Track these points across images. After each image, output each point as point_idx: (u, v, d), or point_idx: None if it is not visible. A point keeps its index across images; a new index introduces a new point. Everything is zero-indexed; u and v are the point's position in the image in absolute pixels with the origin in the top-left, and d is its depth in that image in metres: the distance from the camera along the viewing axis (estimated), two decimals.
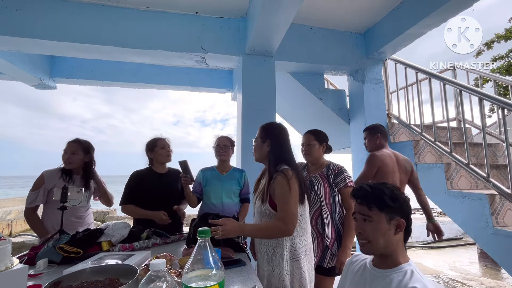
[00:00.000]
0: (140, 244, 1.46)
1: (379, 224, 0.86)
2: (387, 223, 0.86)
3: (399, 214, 0.87)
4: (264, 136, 1.37)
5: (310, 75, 3.36)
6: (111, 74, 3.53)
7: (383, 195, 0.87)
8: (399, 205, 0.87)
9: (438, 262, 4.02)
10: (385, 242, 0.86)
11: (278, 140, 1.35)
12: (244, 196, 1.98)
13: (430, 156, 2.74)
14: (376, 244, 0.87)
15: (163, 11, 2.63)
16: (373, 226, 0.87)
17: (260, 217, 1.31)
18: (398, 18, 2.67)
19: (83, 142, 1.90)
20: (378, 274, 0.89)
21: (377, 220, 0.87)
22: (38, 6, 2.36)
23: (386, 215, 0.86)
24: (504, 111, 2.05)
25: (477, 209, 2.03)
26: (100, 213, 9.10)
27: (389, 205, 0.87)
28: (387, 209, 0.87)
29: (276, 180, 1.23)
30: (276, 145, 1.33)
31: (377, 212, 0.87)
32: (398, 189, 0.92)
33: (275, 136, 1.36)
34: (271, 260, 1.25)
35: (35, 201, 1.73)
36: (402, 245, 0.89)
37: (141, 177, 1.91)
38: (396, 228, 0.86)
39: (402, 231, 0.87)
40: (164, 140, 1.98)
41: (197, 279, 0.70)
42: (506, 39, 8.88)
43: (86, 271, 0.92)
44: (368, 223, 0.88)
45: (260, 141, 1.37)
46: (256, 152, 1.40)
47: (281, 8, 2.04)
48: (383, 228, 0.86)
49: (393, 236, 0.86)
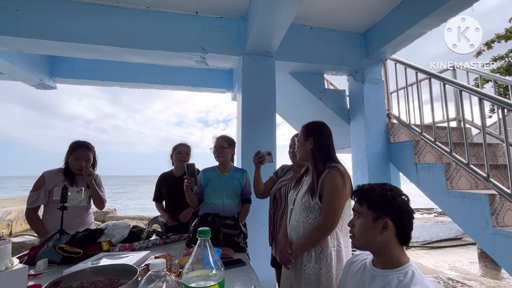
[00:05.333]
0: (140, 244, 1.46)
1: (365, 220, 0.91)
2: (373, 221, 0.89)
3: (388, 215, 0.88)
4: (307, 134, 1.39)
5: (310, 75, 3.36)
6: (111, 74, 3.53)
7: (374, 195, 0.92)
8: (389, 206, 0.88)
9: (438, 262, 4.02)
10: (369, 239, 0.90)
11: (322, 137, 1.36)
12: (246, 196, 1.96)
13: (430, 156, 2.74)
14: (359, 239, 0.93)
15: (163, 11, 2.63)
16: (360, 222, 0.93)
17: (307, 213, 1.28)
18: (398, 18, 2.67)
19: (92, 148, 1.91)
20: (378, 274, 0.89)
21: (364, 216, 0.92)
22: (38, 6, 2.36)
23: (374, 213, 0.90)
24: (504, 111, 2.04)
25: (477, 209, 2.03)
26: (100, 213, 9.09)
27: (378, 204, 0.90)
28: (375, 208, 0.90)
29: (328, 175, 1.23)
30: (320, 142, 1.35)
31: (365, 209, 0.92)
32: (396, 191, 0.93)
33: (317, 133, 1.37)
34: (319, 258, 1.22)
35: (36, 202, 1.72)
36: (398, 246, 0.89)
37: (163, 179, 2.23)
38: (382, 227, 0.88)
39: (389, 232, 0.87)
40: (182, 146, 2.23)
41: (197, 279, 0.70)
42: (506, 39, 8.87)
43: (86, 271, 0.92)
44: (357, 219, 0.95)
45: (302, 139, 1.39)
46: (299, 150, 1.41)
47: (281, 8, 2.04)
48: (368, 225, 0.90)
49: (378, 235, 0.88)
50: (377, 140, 3.05)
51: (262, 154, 1.77)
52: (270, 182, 1.90)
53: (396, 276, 0.83)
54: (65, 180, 1.77)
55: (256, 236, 2.43)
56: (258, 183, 1.85)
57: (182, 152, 2.20)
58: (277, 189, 1.79)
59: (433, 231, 5.41)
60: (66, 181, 1.76)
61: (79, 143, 1.86)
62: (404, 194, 0.93)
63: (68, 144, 1.88)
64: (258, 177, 1.84)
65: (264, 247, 2.00)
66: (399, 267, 0.86)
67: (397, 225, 0.87)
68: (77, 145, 1.85)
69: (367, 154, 3.00)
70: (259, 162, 1.78)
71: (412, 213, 0.91)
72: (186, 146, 2.25)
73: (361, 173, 3.06)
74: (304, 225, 1.27)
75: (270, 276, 2.27)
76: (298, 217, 1.30)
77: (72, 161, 1.80)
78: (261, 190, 1.87)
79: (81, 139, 1.91)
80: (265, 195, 1.89)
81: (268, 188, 1.88)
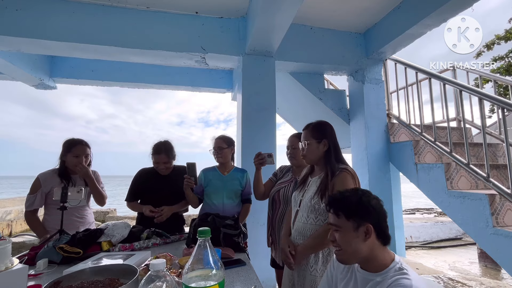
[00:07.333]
0: (140, 244, 1.46)
1: (347, 232, 0.87)
2: (354, 231, 0.86)
3: (367, 220, 0.86)
4: (319, 136, 1.33)
5: (310, 75, 3.36)
6: (111, 74, 3.54)
7: (349, 204, 0.89)
8: (367, 212, 0.87)
9: (438, 262, 4.02)
10: (355, 250, 0.86)
11: (334, 138, 1.34)
12: (246, 196, 1.95)
13: (430, 156, 2.74)
14: (345, 253, 0.88)
15: (163, 11, 2.63)
16: (341, 235, 0.88)
17: (316, 215, 1.24)
18: (398, 18, 2.67)
19: (88, 144, 1.88)
20: (365, 276, 0.89)
21: (344, 228, 0.88)
22: (38, 6, 2.36)
23: (353, 223, 0.87)
24: (504, 111, 2.04)
25: (477, 209, 2.03)
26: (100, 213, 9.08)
27: (356, 212, 0.87)
28: (354, 217, 0.87)
29: (340, 177, 1.21)
30: (334, 144, 1.33)
31: (344, 220, 0.88)
32: (368, 194, 0.92)
33: (330, 134, 1.34)
34: (326, 260, 1.21)
35: (33, 205, 1.71)
36: (381, 247, 0.88)
37: (145, 176, 1.95)
38: (365, 234, 0.86)
39: (372, 236, 0.86)
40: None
41: (197, 279, 0.70)
42: (506, 40, 8.87)
43: (86, 271, 0.91)
44: (337, 232, 0.90)
45: (315, 142, 1.32)
46: (309, 155, 1.34)
47: (281, 8, 2.04)
48: (350, 236, 0.87)
49: (363, 242, 0.86)
50: (377, 140, 3.06)
51: (262, 155, 1.75)
52: (269, 183, 1.88)
53: (383, 279, 0.84)
54: (62, 181, 1.75)
55: (256, 236, 2.43)
56: (258, 184, 1.82)
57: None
58: (276, 191, 1.78)
59: (433, 231, 5.41)
60: (62, 182, 1.74)
61: (76, 140, 1.84)
62: (375, 196, 0.93)
63: (62, 143, 1.83)
64: (258, 178, 1.82)
65: (264, 247, 2.00)
66: (386, 268, 0.86)
67: (377, 228, 0.86)
68: (75, 142, 1.82)
69: (367, 154, 3.00)
70: (259, 164, 1.75)
71: (386, 213, 0.91)
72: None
73: (361, 173, 3.06)
74: (312, 227, 1.25)
75: (270, 276, 2.27)
76: (305, 219, 1.27)
77: (71, 159, 1.77)
78: (260, 192, 1.85)
79: (82, 139, 1.88)
80: (264, 197, 1.88)
81: (267, 189, 1.86)
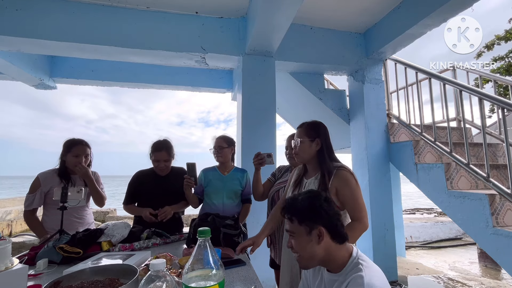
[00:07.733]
0: (140, 244, 1.46)
1: (301, 237, 0.86)
2: (307, 235, 0.85)
3: (318, 223, 0.85)
4: (312, 135, 1.33)
5: (310, 75, 3.36)
6: (111, 74, 3.54)
7: (301, 209, 0.87)
8: (317, 215, 0.86)
9: (438, 262, 4.02)
10: (311, 254, 0.85)
11: (327, 137, 1.35)
12: (246, 196, 1.95)
13: (430, 156, 2.74)
14: (303, 258, 0.87)
15: (163, 11, 2.63)
16: (297, 241, 0.88)
17: None
18: (398, 18, 2.67)
19: (88, 144, 1.88)
20: (330, 277, 0.90)
21: (298, 234, 0.87)
22: (38, 6, 2.36)
23: (305, 227, 0.86)
24: (504, 111, 2.04)
25: (477, 209, 2.03)
26: (100, 213, 9.08)
27: (307, 216, 0.86)
28: (305, 222, 0.86)
29: (340, 176, 1.21)
30: (327, 143, 1.33)
31: (297, 225, 0.87)
32: (318, 195, 0.90)
33: (324, 134, 1.35)
34: None
35: (32, 204, 1.71)
36: (337, 246, 0.87)
37: (143, 177, 1.92)
38: (318, 237, 0.85)
39: (326, 238, 0.85)
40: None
41: (197, 279, 0.70)
42: (506, 40, 8.87)
43: (86, 271, 0.92)
44: (293, 238, 0.89)
45: (308, 140, 1.33)
46: (301, 153, 1.34)
47: (281, 8, 2.04)
48: (304, 241, 0.86)
49: (317, 245, 0.85)
50: (377, 140, 3.06)
51: (262, 155, 1.73)
52: (268, 184, 1.87)
53: (345, 275, 0.84)
54: (61, 181, 1.75)
55: None
56: (257, 185, 1.81)
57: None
58: (275, 191, 1.77)
59: (433, 231, 5.40)
60: (62, 182, 1.74)
61: (77, 140, 1.84)
62: (326, 195, 0.92)
63: (62, 143, 1.83)
64: (258, 179, 1.80)
65: (264, 247, 1.99)
66: (346, 265, 0.86)
67: (330, 230, 0.86)
68: (75, 142, 1.83)
69: (367, 154, 3.01)
70: (259, 164, 1.74)
71: (339, 212, 0.90)
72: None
73: (361, 173, 3.06)
74: None
75: (270, 276, 2.26)
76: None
77: (71, 158, 1.77)
78: (259, 193, 1.84)
79: (76, 137, 1.88)
80: (263, 197, 1.87)
81: (266, 190, 1.85)
